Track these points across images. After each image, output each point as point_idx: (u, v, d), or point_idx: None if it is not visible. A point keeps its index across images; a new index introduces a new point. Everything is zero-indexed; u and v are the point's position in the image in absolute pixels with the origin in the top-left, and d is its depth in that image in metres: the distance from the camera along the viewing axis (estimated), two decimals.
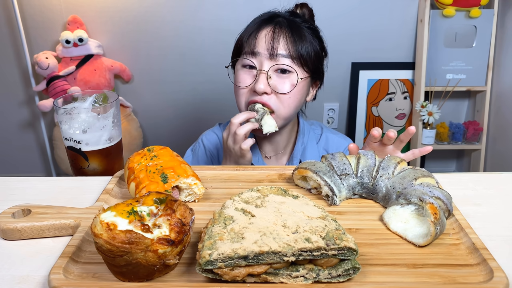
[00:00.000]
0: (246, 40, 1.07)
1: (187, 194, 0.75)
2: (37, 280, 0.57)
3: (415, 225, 0.64)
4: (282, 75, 1.05)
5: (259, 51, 1.04)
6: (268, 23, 1.07)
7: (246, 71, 1.07)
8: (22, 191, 0.81)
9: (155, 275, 0.55)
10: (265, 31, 1.05)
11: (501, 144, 2.40)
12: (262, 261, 0.52)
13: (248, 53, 1.06)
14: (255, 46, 1.04)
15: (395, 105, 2.58)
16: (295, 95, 1.07)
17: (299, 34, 1.05)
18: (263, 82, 1.03)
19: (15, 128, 2.62)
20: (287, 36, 1.04)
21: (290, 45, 1.04)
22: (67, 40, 2.28)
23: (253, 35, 1.06)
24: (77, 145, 0.92)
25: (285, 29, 1.05)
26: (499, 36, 2.36)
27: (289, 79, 1.05)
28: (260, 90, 1.03)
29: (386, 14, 2.40)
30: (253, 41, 1.05)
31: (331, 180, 0.74)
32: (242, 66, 1.08)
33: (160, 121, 2.62)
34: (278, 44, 1.03)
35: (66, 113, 0.91)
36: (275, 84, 1.05)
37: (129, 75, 2.48)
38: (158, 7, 2.37)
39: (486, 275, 0.55)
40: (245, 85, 1.07)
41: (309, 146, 1.21)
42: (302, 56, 1.05)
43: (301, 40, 1.05)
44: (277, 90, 1.05)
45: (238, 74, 1.09)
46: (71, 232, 0.66)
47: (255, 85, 1.04)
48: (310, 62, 1.07)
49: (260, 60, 1.04)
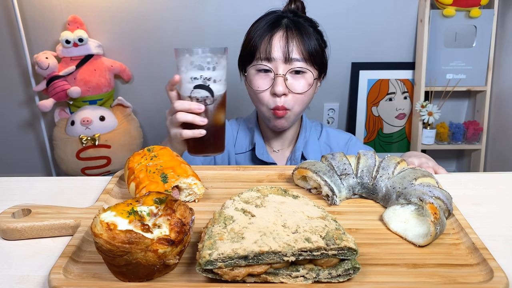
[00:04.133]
0: (259, 46, 1.11)
1: (187, 194, 0.75)
2: (37, 280, 0.57)
3: (415, 225, 0.64)
4: (296, 75, 1.11)
5: (274, 57, 1.09)
6: (277, 26, 1.11)
7: (262, 75, 1.12)
8: (22, 191, 0.81)
9: (155, 275, 0.55)
10: (278, 36, 1.10)
11: (501, 144, 2.40)
12: (262, 261, 0.52)
13: (263, 59, 1.11)
14: (271, 52, 1.09)
15: (395, 105, 2.58)
16: (309, 93, 1.14)
17: (307, 34, 1.11)
18: (282, 85, 1.09)
19: (15, 128, 2.62)
20: (298, 39, 1.10)
21: (302, 47, 1.10)
22: (67, 40, 2.28)
23: (266, 40, 1.10)
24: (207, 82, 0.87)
25: (295, 32, 1.10)
26: (499, 36, 2.36)
27: (304, 78, 1.11)
28: (280, 93, 1.09)
29: (386, 14, 2.40)
30: (268, 47, 1.10)
31: (331, 180, 0.74)
32: (257, 71, 1.13)
33: (160, 121, 2.61)
34: (292, 49, 1.09)
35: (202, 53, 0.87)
36: (292, 85, 1.11)
37: (129, 75, 2.48)
38: (158, 7, 2.37)
39: (486, 275, 0.55)
40: (264, 89, 1.12)
41: (311, 140, 1.26)
42: (312, 55, 1.11)
43: (310, 40, 1.11)
44: (294, 90, 1.11)
45: (254, 79, 1.14)
46: (71, 232, 0.66)
47: (274, 88, 1.10)
48: (319, 59, 1.14)
49: (275, 64, 1.10)
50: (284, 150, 1.27)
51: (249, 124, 1.29)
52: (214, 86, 0.88)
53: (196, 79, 0.87)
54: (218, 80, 0.88)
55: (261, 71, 1.12)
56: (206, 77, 0.87)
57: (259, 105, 1.16)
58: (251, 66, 1.14)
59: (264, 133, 1.26)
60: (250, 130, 1.28)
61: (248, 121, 1.30)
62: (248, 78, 1.16)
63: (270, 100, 1.12)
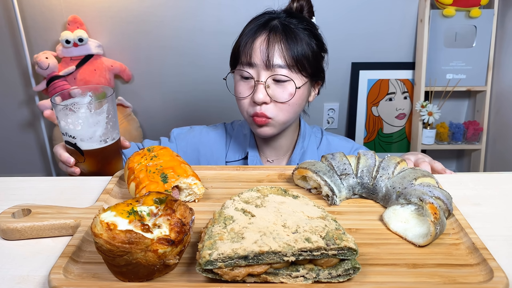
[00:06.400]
0: (242, 50, 1.05)
1: (187, 194, 0.75)
2: (37, 280, 0.57)
3: (415, 225, 0.64)
4: (280, 83, 1.04)
5: (255, 62, 1.03)
6: (263, 29, 1.04)
7: (244, 81, 1.06)
8: (22, 191, 0.81)
9: (155, 275, 0.55)
10: (260, 40, 1.03)
11: (501, 144, 2.40)
12: (262, 261, 0.52)
13: (245, 64, 1.05)
14: (251, 57, 1.03)
15: (395, 105, 2.58)
16: (295, 102, 1.06)
17: (294, 38, 1.03)
18: (262, 93, 1.02)
19: (15, 128, 2.62)
20: (281, 43, 1.02)
21: (285, 53, 1.02)
22: (67, 40, 2.28)
23: (249, 45, 1.04)
24: (73, 140, 0.92)
25: (279, 36, 1.02)
26: (499, 36, 2.36)
27: (287, 87, 1.04)
28: (259, 101, 1.03)
29: (386, 14, 2.40)
30: (249, 52, 1.03)
31: (331, 180, 0.74)
32: (240, 76, 1.07)
33: (160, 121, 2.62)
34: (273, 54, 1.01)
35: (62, 109, 0.91)
36: (274, 93, 1.04)
37: (129, 75, 2.48)
38: (158, 7, 2.37)
39: (486, 275, 0.55)
40: (244, 96, 1.06)
41: (308, 150, 1.19)
42: (299, 62, 1.03)
43: (297, 45, 1.02)
44: (276, 99, 1.04)
45: (237, 85, 1.09)
46: (71, 232, 0.66)
47: (254, 95, 1.03)
48: (308, 65, 1.05)
49: (257, 70, 1.03)
50: (280, 160, 1.21)
51: (243, 130, 1.24)
52: (83, 144, 0.93)
53: (64, 135, 0.94)
54: (87, 138, 0.92)
55: (244, 77, 1.06)
56: (71, 135, 0.93)
57: (241, 112, 1.11)
58: (235, 70, 1.09)
59: (257, 141, 1.20)
60: (244, 137, 1.22)
61: (243, 127, 1.25)
62: (234, 83, 1.11)
63: (249, 107, 1.06)
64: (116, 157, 0.99)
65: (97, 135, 0.93)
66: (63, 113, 0.91)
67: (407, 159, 0.94)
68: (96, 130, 0.92)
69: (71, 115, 0.90)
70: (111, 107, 0.94)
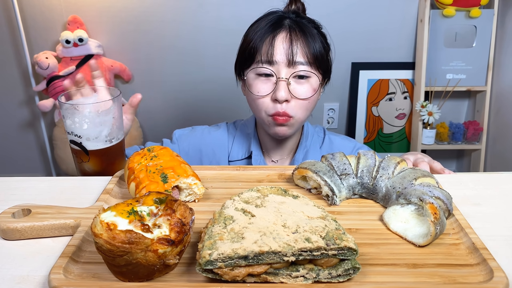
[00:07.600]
0: (260, 48, 1.04)
1: (187, 194, 0.75)
2: (37, 280, 0.57)
3: (415, 225, 0.64)
4: (300, 80, 1.04)
5: (276, 60, 1.02)
6: (279, 27, 1.04)
7: (263, 79, 1.05)
8: (22, 191, 0.81)
9: (155, 275, 0.55)
10: (281, 37, 1.03)
11: (501, 144, 2.40)
12: (262, 261, 0.52)
13: (264, 62, 1.03)
14: (273, 54, 1.02)
15: (395, 105, 2.58)
16: (314, 99, 1.07)
17: (312, 36, 1.04)
18: (285, 90, 1.02)
19: (15, 128, 2.62)
20: (303, 41, 1.03)
21: (307, 50, 1.03)
22: (67, 40, 2.28)
23: (268, 42, 1.03)
24: (78, 139, 0.92)
25: (299, 34, 1.03)
26: (499, 36, 2.36)
27: (308, 83, 1.04)
28: (282, 98, 1.02)
29: (386, 14, 2.41)
30: (270, 49, 1.02)
31: (331, 180, 0.74)
32: (257, 75, 1.06)
33: (161, 121, 2.62)
34: (296, 51, 1.02)
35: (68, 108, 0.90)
36: (295, 90, 1.03)
37: (129, 75, 2.48)
38: (158, 7, 2.37)
39: (486, 275, 0.55)
40: (265, 94, 1.05)
41: (311, 150, 1.19)
42: (317, 59, 1.04)
43: (315, 43, 1.04)
44: (298, 96, 1.04)
45: (254, 83, 1.06)
46: (71, 232, 0.66)
47: (276, 93, 1.02)
48: (323, 63, 1.07)
49: (277, 68, 1.03)
50: (283, 160, 1.21)
51: (247, 130, 1.23)
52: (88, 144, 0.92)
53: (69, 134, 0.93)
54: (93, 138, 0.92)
55: (262, 75, 1.04)
56: (77, 135, 0.92)
57: (257, 112, 1.09)
58: (250, 69, 1.06)
59: (263, 142, 1.20)
60: (248, 136, 1.21)
61: (246, 126, 1.24)
62: (247, 82, 1.09)
63: (269, 106, 1.04)
64: (120, 157, 0.99)
65: (103, 135, 0.93)
66: (70, 112, 0.90)
67: (407, 159, 0.94)
68: (102, 130, 0.92)
69: (77, 114, 0.90)
70: (117, 107, 0.93)
